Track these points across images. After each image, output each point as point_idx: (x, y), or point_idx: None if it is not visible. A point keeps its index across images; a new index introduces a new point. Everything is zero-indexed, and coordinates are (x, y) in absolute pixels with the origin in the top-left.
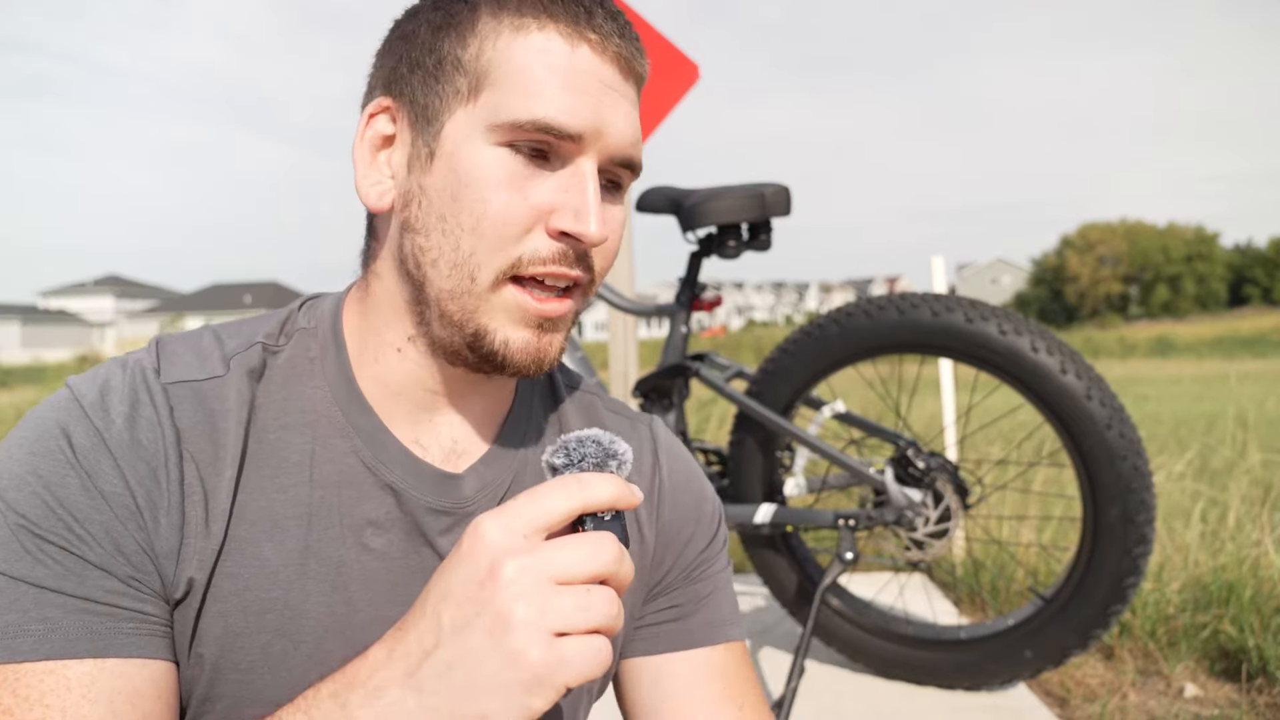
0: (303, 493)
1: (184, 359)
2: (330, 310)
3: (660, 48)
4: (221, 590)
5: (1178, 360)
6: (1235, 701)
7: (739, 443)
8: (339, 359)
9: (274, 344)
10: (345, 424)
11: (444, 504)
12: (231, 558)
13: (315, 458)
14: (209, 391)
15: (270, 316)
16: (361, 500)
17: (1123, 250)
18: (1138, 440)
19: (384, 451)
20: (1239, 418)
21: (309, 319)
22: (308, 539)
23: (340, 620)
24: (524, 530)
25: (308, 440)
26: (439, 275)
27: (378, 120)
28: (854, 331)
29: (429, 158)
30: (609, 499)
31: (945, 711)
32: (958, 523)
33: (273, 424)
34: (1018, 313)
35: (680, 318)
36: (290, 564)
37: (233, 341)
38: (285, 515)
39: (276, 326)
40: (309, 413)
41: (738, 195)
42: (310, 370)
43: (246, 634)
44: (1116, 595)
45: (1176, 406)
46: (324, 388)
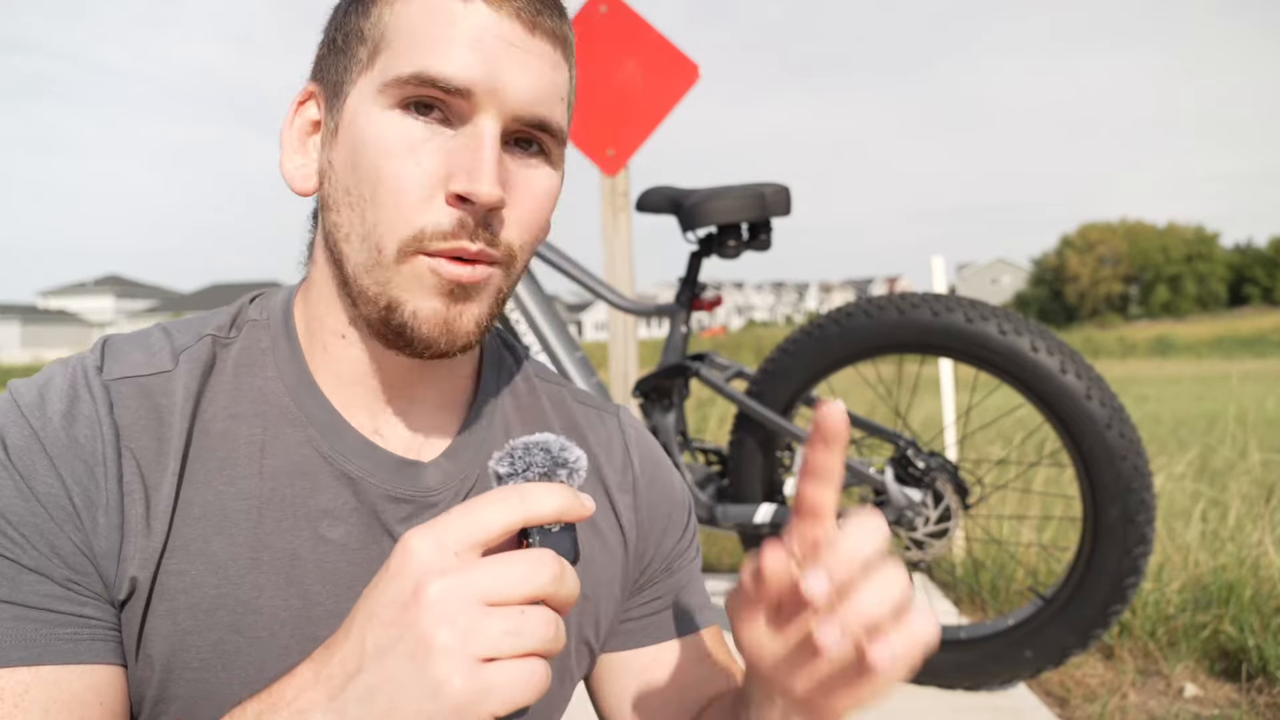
0: (252, 484)
1: (130, 356)
2: (281, 302)
3: (660, 47)
4: (168, 589)
5: (1178, 360)
6: (1235, 701)
7: (739, 443)
8: (291, 349)
9: (224, 336)
10: (298, 413)
11: (403, 492)
12: (177, 555)
13: (266, 449)
14: (155, 386)
15: (222, 311)
16: (316, 490)
17: (1123, 250)
18: (1138, 440)
19: (340, 440)
20: (1239, 417)
21: (260, 311)
22: (259, 532)
23: (296, 614)
24: (456, 546)
25: (258, 431)
26: (353, 249)
27: (305, 107)
28: (854, 331)
29: (334, 132)
30: (554, 511)
31: (945, 711)
32: (958, 522)
33: (221, 415)
34: (1017, 313)
35: (680, 318)
36: (240, 558)
37: (182, 337)
38: (234, 508)
39: (228, 320)
40: (260, 403)
41: (738, 195)
42: (261, 360)
43: (196, 632)
44: (1116, 595)
45: (1176, 406)
46: (276, 378)
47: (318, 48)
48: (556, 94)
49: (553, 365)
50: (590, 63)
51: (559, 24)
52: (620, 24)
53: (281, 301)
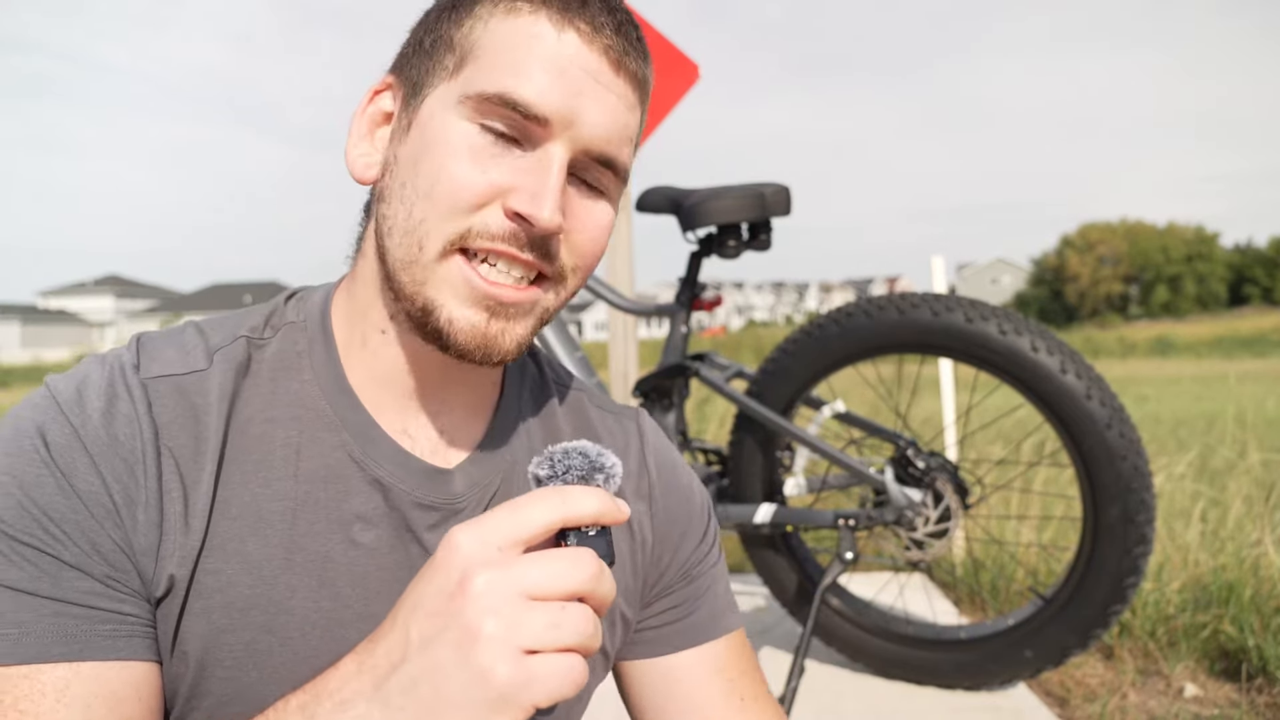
0: (287, 487)
1: (165, 354)
2: (319, 302)
3: (660, 47)
4: (204, 587)
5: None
6: (1235, 701)
7: (739, 443)
8: (327, 352)
9: (259, 337)
10: (334, 418)
11: (433, 499)
12: (214, 554)
13: (301, 452)
14: (190, 385)
15: (256, 310)
16: (349, 495)
17: (1123, 250)
18: (1137, 440)
19: (373, 446)
20: (1239, 417)
21: (297, 312)
22: (293, 534)
23: (327, 616)
24: (499, 542)
25: (294, 434)
26: (394, 244)
27: (381, 97)
28: (854, 331)
29: (406, 128)
30: (593, 513)
31: (945, 711)
32: (958, 522)
33: (258, 417)
34: (1017, 313)
35: (680, 318)
36: (275, 559)
37: (216, 336)
38: (269, 510)
39: (262, 320)
40: (296, 407)
41: (737, 195)
42: (298, 364)
43: (231, 630)
44: (1116, 595)
45: (1176, 406)
46: (311, 381)
47: (403, 44)
48: (627, 134)
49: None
50: None
51: (642, 68)
52: None
53: (320, 302)
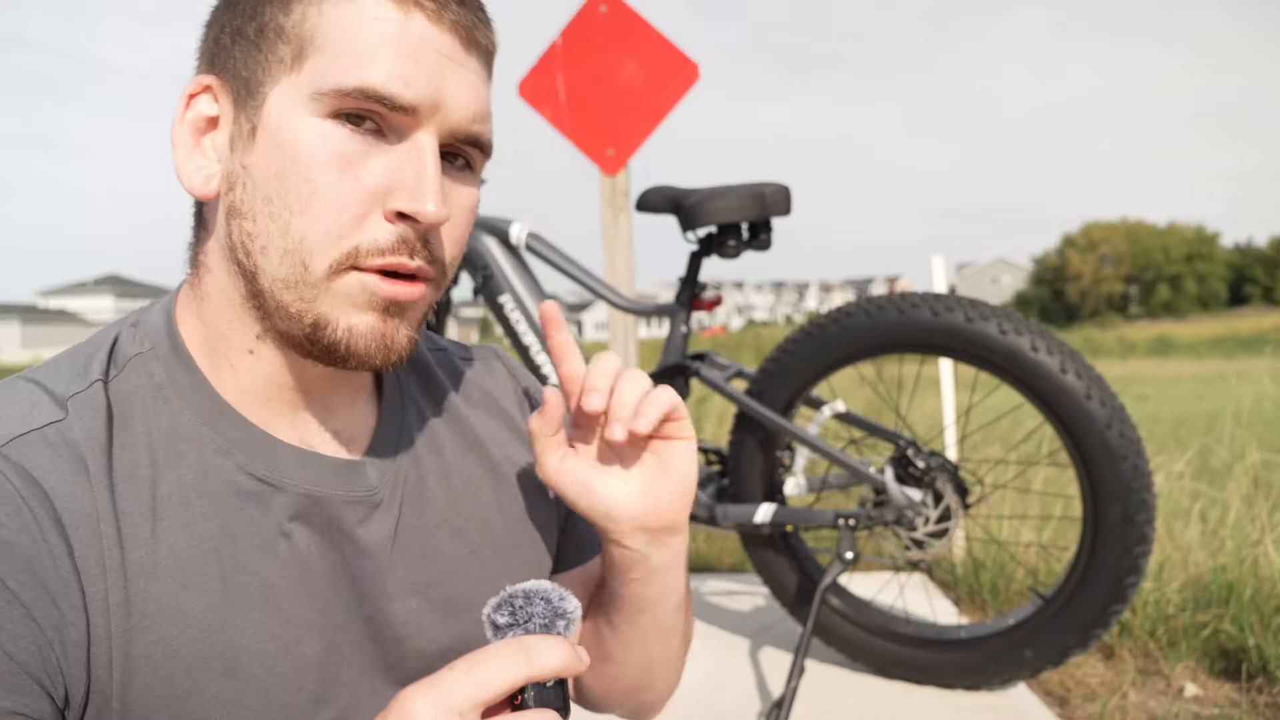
0: (199, 528)
1: (5, 413)
2: (162, 325)
3: (659, 47)
4: (155, 658)
5: (1178, 359)
6: (1235, 701)
7: (739, 442)
8: (191, 378)
9: (108, 379)
10: (222, 441)
11: (354, 494)
12: (152, 621)
13: (199, 488)
14: (54, 437)
15: (90, 350)
16: (266, 513)
17: (1124, 250)
18: (1137, 440)
19: (274, 458)
20: (1238, 417)
21: (139, 342)
22: (223, 574)
23: (281, 641)
24: (460, 707)
25: (184, 472)
26: (270, 263)
27: (198, 101)
28: (854, 331)
29: (251, 134)
30: (557, 668)
31: (945, 711)
32: (958, 522)
33: (142, 463)
34: (1018, 312)
35: (680, 317)
36: (214, 606)
37: (59, 384)
38: (190, 558)
39: (103, 360)
40: (176, 443)
41: (737, 195)
42: (161, 396)
43: (196, 692)
44: (1116, 595)
45: (1176, 406)
46: (183, 410)
47: (211, 32)
48: (487, 109)
49: (553, 365)
50: (590, 63)
51: (490, 38)
52: (620, 24)
53: (163, 324)
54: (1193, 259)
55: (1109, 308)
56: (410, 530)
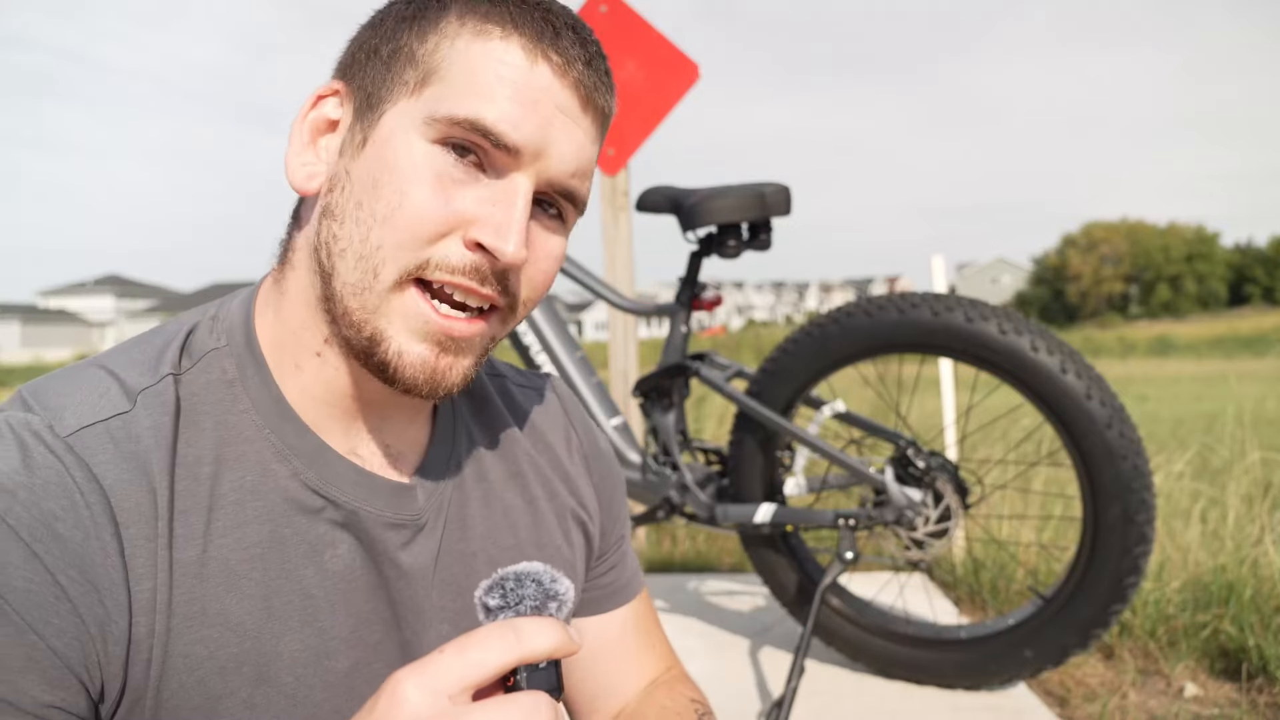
0: (250, 532)
1: (74, 399)
2: (240, 322)
3: (660, 47)
4: (194, 659)
5: (1178, 359)
6: (1235, 701)
7: (739, 442)
8: (260, 376)
9: (180, 372)
10: (283, 447)
11: (401, 517)
12: (194, 622)
13: (257, 490)
14: (118, 432)
15: (164, 340)
16: (314, 525)
17: (1124, 249)
18: (1138, 440)
19: (329, 470)
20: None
21: (215, 336)
22: (266, 579)
23: (314, 651)
24: (450, 690)
25: (244, 473)
26: (345, 266)
27: (325, 103)
28: (854, 331)
29: (362, 143)
30: (549, 649)
31: (945, 711)
32: (958, 522)
33: (205, 460)
34: (1018, 312)
35: (680, 317)
36: (255, 611)
37: (132, 375)
38: (238, 561)
39: (177, 351)
40: (239, 443)
41: (737, 195)
42: (231, 393)
43: (228, 694)
44: (1117, 595)
45: (1176, 406)
46: (250, 411)
47: (352, 46)
48: (590, 168)
49: (553, 365)
50: None
51: (609, 102)
52: (620, 23)
53: (240, 321)
54: (1193, 259)
55: (1109, 308)
56: (451, 554)
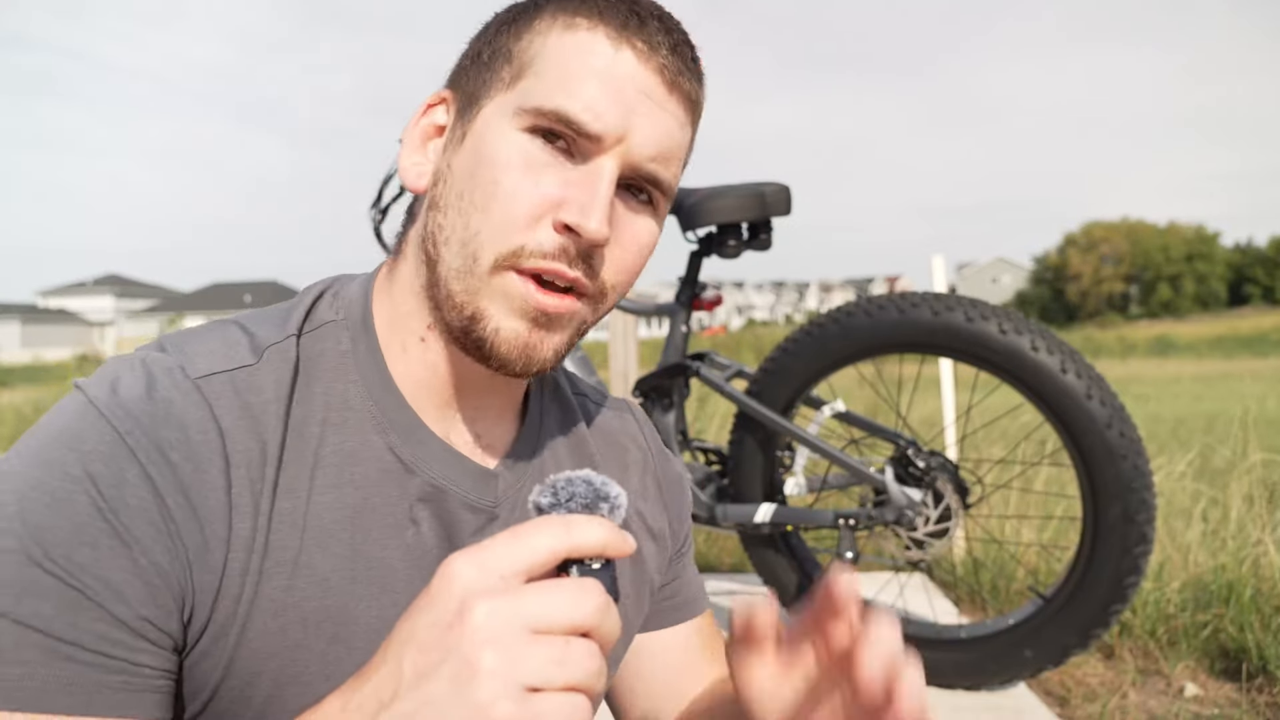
0: (345, 494)
1: (206, 348)
2: (359, 299)
3: None
4: (278, 604)
5: (1178, 359)
6: (1235, 701)
7: (739, 442)
8: (371, 351)
9: (302, 334)
10: (383, 419)
11: (481, 501)
12: (283, 569)
13: (355, 456)
14: (243, 383)
15: (293, 306)
16: (403, 497)
17: (1124, 249)
18: (1138, 439)
19: (423, 447)
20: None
21: (335, 309)
22: (354, 542)
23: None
24: (501, 571)
25: (346, 438)
26: (450, 253)
27: (434, 111)
28: (854, 331)
29: (461, 138)
30: (597, 544)
31: (945, 711)
32: (958, 522)
33: (312, 420)
34: (1018, 312)
35: (680, 317)
36: (340, 569)
37: (262, 331)
38: (331, 519)
39: (301, 317)
40: (345, 409)
41: (738, 195)
42: (343, 364)
43: (305, 646)
44: (1117, 594)
45: (1177, 406)
46: (358, 382)
47: (460, 58)
48: (677, 153)
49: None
50: None
51: (696, 88)
52: None
53: (360, 298)
54: (1193, 259)
55: (1109, 308)
56: None
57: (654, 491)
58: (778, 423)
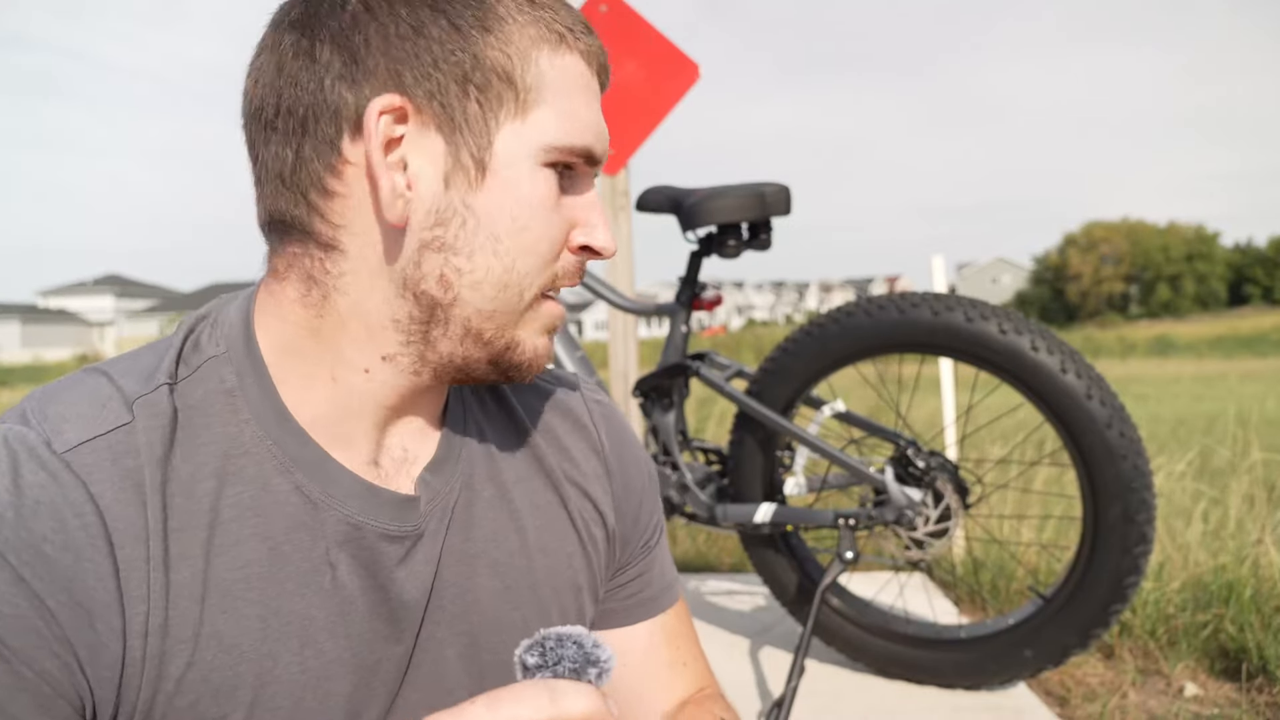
0: (248, 550)
1: (75, 411)
2: (240, 327)
3: (660, 47)
4: (186, 683)
5: (1178, 360)
6: (1235, 701)
7: (739, 442)
8: (261, 385)
9: (175, 381)
10: (284, 458)
11: (403, 529)
12: (187, 645)
13: (258, 506)
14: (119, 446)
15: (162, 347)
16: (315, 541)
17: (1124, 249)
18: (1138, 439)
19: (333, 484)
20: (1239, 417)
21: (214, 343)
22: (264, 599)
23: (313, 674)
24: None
25: (243, 488)
26: (480, 296)
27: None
28: (854, 331)
29: (479, 174)
30: (583, 714)
31: (945, 711)
32: (958, 522)
33: (200, 474)
34: (1018, 312)
35: (680, 317)
36: (251, 631)
37: (130, 381)
38: (233, 581)
39: (173, 359)
40: (239, 456)
41: (737, 195)
42: (230, 404)
43: (223, 718)
44: (1117, 594)
45: (1177, 406)
46: (250, 421)
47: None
48: None
49: (552, 364)
50: None
51: None
52: (620, 23)
53: (239, 326)
54: (1193, 259)
55: (1109, 308)
56: (453, 555)
57: (601, 472)
58: (778, 423)
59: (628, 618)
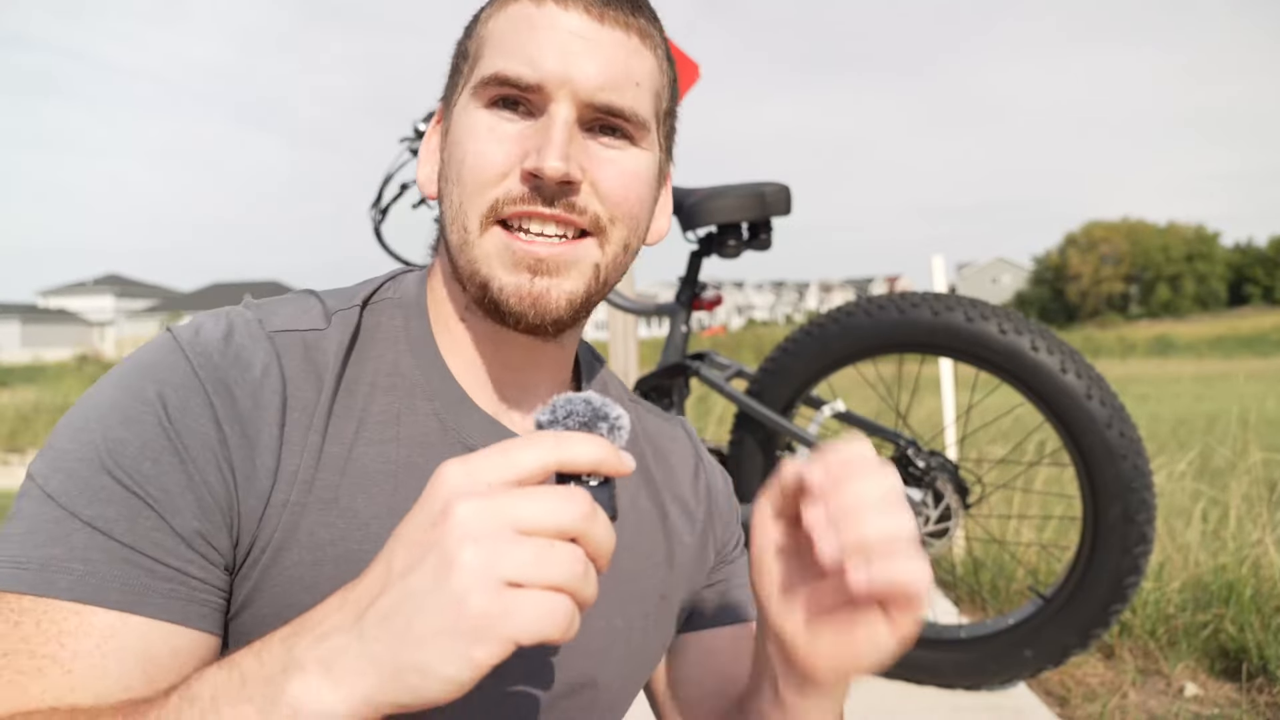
0: (390, 450)
1: (284, 311)
2: (415, 284)
3: None
4: (317, 539)
5: (1178, 360)
6: (1235, 701)
7: (739, 442)
8: (422, 329)
9: (366, 304)
10: (429, 388)
11: None
12: (326, 508)
13: (401, 418)
14: (312, 342)
15: (364, 284)
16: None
17: (1124, 249)
18: (1138, 439)
19: (466, 416)
20: (1240, 417)
21: (395, 291)
22: (394, 495)
23: None
24: (488, 478)
25: (394, 401)
26: (452, 234)
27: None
28: (854, 331)
29: (445, 135)
30: (589, 460)
31: (945, 711)
32: (958, 522)
33: (363, 380)
34: (1018, 312)
35: (680, 317)
36: (379, 518)
37: (333, 300)
38: (375, 470)
39: (369, 292)
40: (394, 375)
41: (737, 195)
42: (397, 337)
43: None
44: (1117, 594)
45: (1177, 406)
46: (408, 353)
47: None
48: (630, 80)
49: None
50: None
51: (630, 15)
52: None
53: (415, 284)
54: (1193, 259)
55: (1109, 308)
56: None
57: (705, 499)
58: (778, 423)
59: (714, 620)
